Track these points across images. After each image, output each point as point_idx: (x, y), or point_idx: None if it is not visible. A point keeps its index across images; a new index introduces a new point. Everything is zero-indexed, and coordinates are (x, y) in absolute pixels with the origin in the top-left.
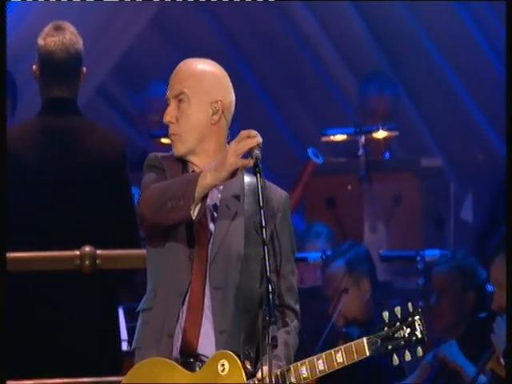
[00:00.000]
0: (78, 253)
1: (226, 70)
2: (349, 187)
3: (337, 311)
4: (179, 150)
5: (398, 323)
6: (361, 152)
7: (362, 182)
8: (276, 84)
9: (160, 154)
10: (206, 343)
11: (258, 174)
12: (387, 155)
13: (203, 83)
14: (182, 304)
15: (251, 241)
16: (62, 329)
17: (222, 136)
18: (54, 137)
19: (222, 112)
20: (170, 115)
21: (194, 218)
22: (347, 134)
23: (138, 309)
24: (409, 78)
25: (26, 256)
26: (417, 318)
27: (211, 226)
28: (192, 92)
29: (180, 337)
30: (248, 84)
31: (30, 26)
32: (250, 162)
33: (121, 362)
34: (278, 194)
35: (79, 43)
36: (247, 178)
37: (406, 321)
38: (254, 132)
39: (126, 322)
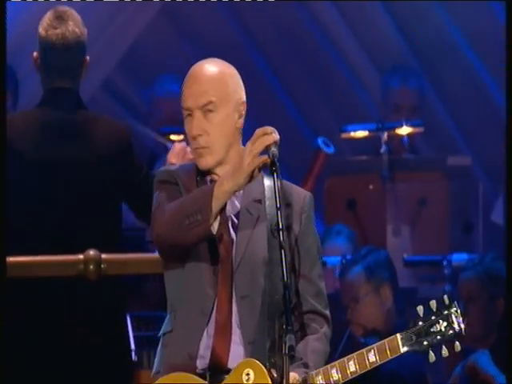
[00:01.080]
0: (81, 257)
1: (242, 64)
2: (370, 187)
3: (354, 320)
4: (208, 162)
5: (433, 317)
6: (383, 149)
7: (385, 181)
8: (293, 78)
9: (172, 168)
10: (236, 357)
11: (275, 173)
12: (412, 153)
13: (227, 88)
14: (208, 322)
15: (275, 245)
16: (66, 339)
17: (241, 139)
18: (55, 130)
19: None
20: (197, 128)
21: (214, 232)
22: (369, 131)
23: (160, 333)
24: (434, 70)
25: (26, 260)
26: (453, 310)
27: (233, 234)
28: (219, 99)
29: (208, 355)
30: (264, 79)
31: (32, 16)
32: (268, 160)
33: (130, 374)
34: (301, 194)
35: (83, 34)
36: (267, 181)
37: (442, 314)
38: (269, 129)
39: (133, 330)
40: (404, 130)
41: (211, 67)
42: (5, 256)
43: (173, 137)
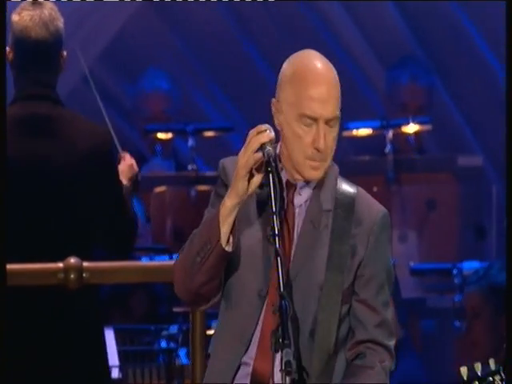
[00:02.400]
0: (61, 265)
1: (236, 58)
2: (374, 190)
3: None
4: (319, 176)
5: (476, 382)
6: (388, 149)
7: (390, 183)
8: None
9: (226, 160)
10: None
11: (271, 174)
12: (419, 153)
13: (340, 99)
14: (246, 351)
15: (335, 266)
16: (41, 353)
17: None
18: (32, 128)
19: None
20: (324, 142)
21: (230, 249)
22: (373, 128)
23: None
24: (443, 62)
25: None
26: (497, 378)
27: (292, 249)
28: (338, 113)
29: (249, 379)
30: (259, 72)
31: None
32: (262, 157)
33: None
34: (373, 210)
35: (60, 21)
36: (342, 187)
37: (485, 380)
38: (263, 126)
39: (118, 345)
40: (411, 128)
41: (330, 67)
42: (5, 263)
43: (160, 135)
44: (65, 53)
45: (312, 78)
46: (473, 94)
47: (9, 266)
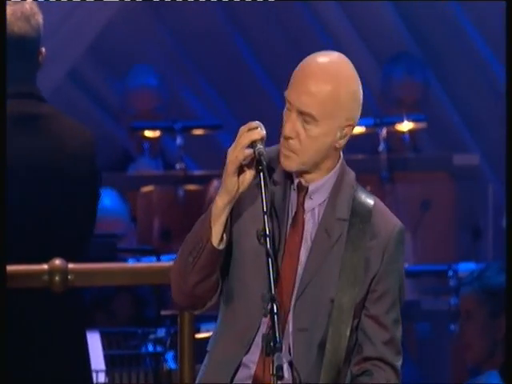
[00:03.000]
0: (46, 267)
1: (227, 53)
2: (368, 189)
3: None
4: (292, 166)
5: None
6: (382, 147)
7: (384, 183)
8: (281, 67)
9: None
10: None
11: (261, 173)
12: (413, 151)
13: (338, 101)
14: (247, 352)
15: (348, 278)
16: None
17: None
18: (19, 127)
19: None
20: (291, 130)
21: (219, 247)
22: (366, 126)
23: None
24: (439, 59)
25: None
26: None
27: (302, 256)
28: (322, 114)
29: (251, 381)
30: (250, 67)
31: None
32: (252, 155)
33: None
34: (390, 224)
35: (40, 16)
36: (359, 196)
37: None
38: (254, 124)
39: (104, 348)
40: (405, 126)
41: (330, 69)
42: (5, 265)
43: (147, 133)
44: (43, 49)
45: (305, 69)
46: (469, 91)
47: None
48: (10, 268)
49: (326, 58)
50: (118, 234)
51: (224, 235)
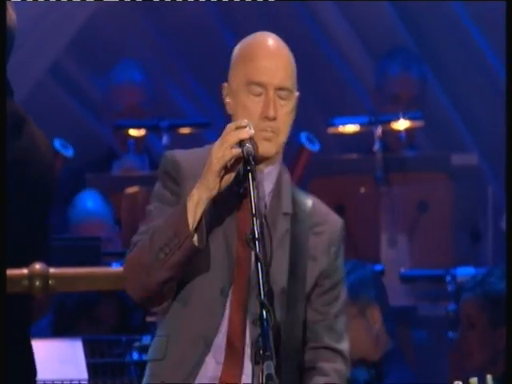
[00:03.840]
0: (26, 272)
1: (215, 48)
2: (362, 190)
3: None
4: (272, 150)
5: None
6: (377, 146)
7: (379, 184)
8: None
9: (179, 155)
10: None
11: (250, 174)
12: (410, 151)
13: (295, 76)
14: (208, 352)
15: (297, 272)
16: None
17: None
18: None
19: None
20: (275, 110)
21: (202, 245)
22: (360, 125)
23: (147, 359)
24: (436, 54)
25: None
26: None
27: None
28: (292, 89)
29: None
30: None
31: (32, 16)
32: (240, 153)
33: None
34: (332, 219)
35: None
36: (298, 193)
37: None
38: (243, 122)
39: (87, 357)
40: (401, 124)
41: (282, 44)
42: (5, 269)
43: (132, 132)
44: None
45: (261, 49)
46: (468, 89)
47: None
48: None
49: (270, 36)
50: (102, 238)
51: (200, 233)
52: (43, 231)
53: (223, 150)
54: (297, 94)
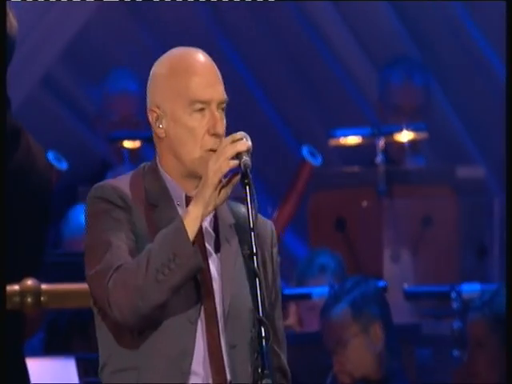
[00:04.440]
0: (17, 288)
1: (213, 58)
2: (364, 204)
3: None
4: None
5: None
6: (379, 159)
7: (382, 197)
8: (272, 73)
9: (115, 183)
10: None
11: (248, 187)
12: (414, 163)
13: None
14: (187, 379)
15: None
16: None
17: None
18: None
19: None
20: (223, 127)
21: (203, 264)
22: (362, 136)
23: None
24: (441, 63)
25: None
26: None
27: (212, 269)
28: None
29: None
30: (238, 73)
31: (32, 16)
32: (237, 165)
33: None
34: (267, 224)
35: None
36: (231, 204)
37: None
38: (239, 134)
39: (80, 376)
40: (404, 136)
41: (210, 59)
42: (5, 284)
43: (126, 143)
44: None
45: (194, 65)
46: (473, 98)
47: None
48: None
49: (196, 51)
50: None
51: (199, 251)
52: (39, 245)
53: (220, 162)
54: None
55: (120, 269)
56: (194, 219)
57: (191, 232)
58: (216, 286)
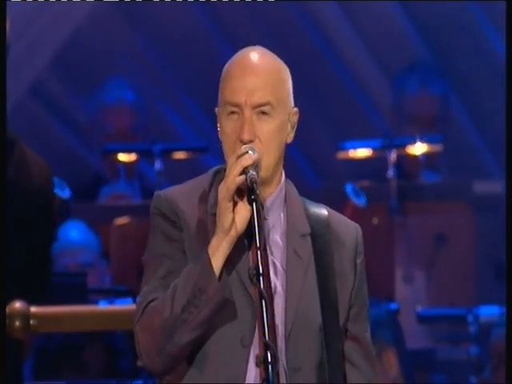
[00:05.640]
0: (5, 310)
1: (213, 65)
2: (375, 221)
3: None
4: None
5: None
6: (391, 173)
7: (393, 214)
8: None
9: (172, 194)
10: None
11: (255, 203)
12: (428, 177)
13: (285, 87)
14: None
15: (330, 302)
16: None
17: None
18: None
19: None
20: (250, 132)
21: (230, 296)
22: (373, 149)
23: None
24: (460, 74)
25: None
26: None
27: (277, 285)
28: (277, 101)
29: None
30: None
31: (31, 16)
32: (243, 181)
33: None
34: (351, 227)
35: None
36: (310, 206)
37: None
38: (244, 148)
39: None
40: (418, 148)
41: (266, 57)
42: (5, 304)
43: (122, 156)
44: None
45: (238, 67)
46: (492, 108)
47: None
48: None
49: (253, 51)
50: (86, 264)
51: (227, 282)
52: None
53: (227, 183)
54: (294, 109)
55: (148, 309)
56: (217, 250)
57: (217, 265)
58: (280, 302)
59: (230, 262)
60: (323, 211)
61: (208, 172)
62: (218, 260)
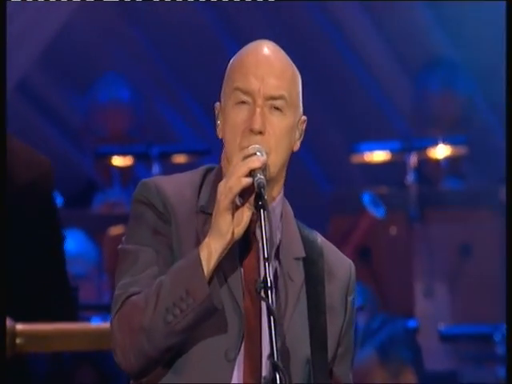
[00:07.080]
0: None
1: (216, 62)
2: (393, 231)
3: None
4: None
5: None
6: (411, 178)
7: (413, 223)
8: None
9: (162, 183)
10: None
11: (262, 210)
12: (451, 183)
13: (297, 90)
14: None
15: (319, 334)
16: None
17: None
18: None
19: None
20: (261, 122)
21: (219, 305)
22: (391, 151)
23: None
24: (486, 72)
25: None
26: None
27: (264, 309)
28: (290, 99)
29: None
30: None
31: (32, 16)
32: (250, 182)
33: None
34: (344, 261)
35: None
36: (304, 230)
37: None
38: (251, 149)
39: None
40: (440, 151)
41: (281, 52)
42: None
43: (116, 160)
44: None
45: (252, 55)
46: None
47: None
48: None
49: (266, 43)
50: (80, 276)
51: (216, 290)
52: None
53: (231, 182)
54: (303, 117)
55: (128, 303)
56: (210, 253)
57: (208, 268)
58: (265, 323)
59: (220, 269)
60: (317, 238)
61: (197, 169)
62: (209, 264)
